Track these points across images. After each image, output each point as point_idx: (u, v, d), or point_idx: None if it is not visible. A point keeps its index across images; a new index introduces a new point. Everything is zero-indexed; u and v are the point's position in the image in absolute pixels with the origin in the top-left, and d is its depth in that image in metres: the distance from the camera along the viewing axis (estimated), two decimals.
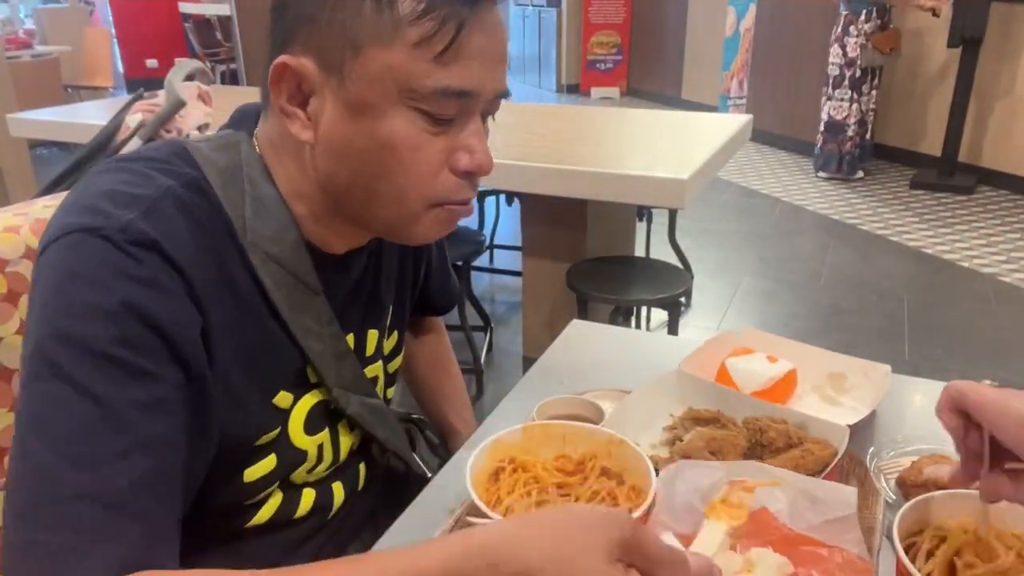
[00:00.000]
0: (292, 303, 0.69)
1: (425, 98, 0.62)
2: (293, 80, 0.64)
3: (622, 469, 0.75)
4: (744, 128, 2.56)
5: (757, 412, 0.87)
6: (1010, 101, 5.02)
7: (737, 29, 6.87)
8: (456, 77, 0.62)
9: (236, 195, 0.67)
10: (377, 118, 0.63)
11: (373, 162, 0.64)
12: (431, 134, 0.64)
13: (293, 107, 0.65)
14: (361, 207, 0.68)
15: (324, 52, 0.62)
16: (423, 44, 0.60)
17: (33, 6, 8.88)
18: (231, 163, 0.68)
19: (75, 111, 2.97)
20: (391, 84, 0.61)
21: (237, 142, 0.70)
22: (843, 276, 3.79)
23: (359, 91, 0.62)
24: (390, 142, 0.63)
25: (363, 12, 0.60)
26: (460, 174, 0.67)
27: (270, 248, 0.67)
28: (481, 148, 0.67)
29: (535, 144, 2.35)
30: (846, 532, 0.66)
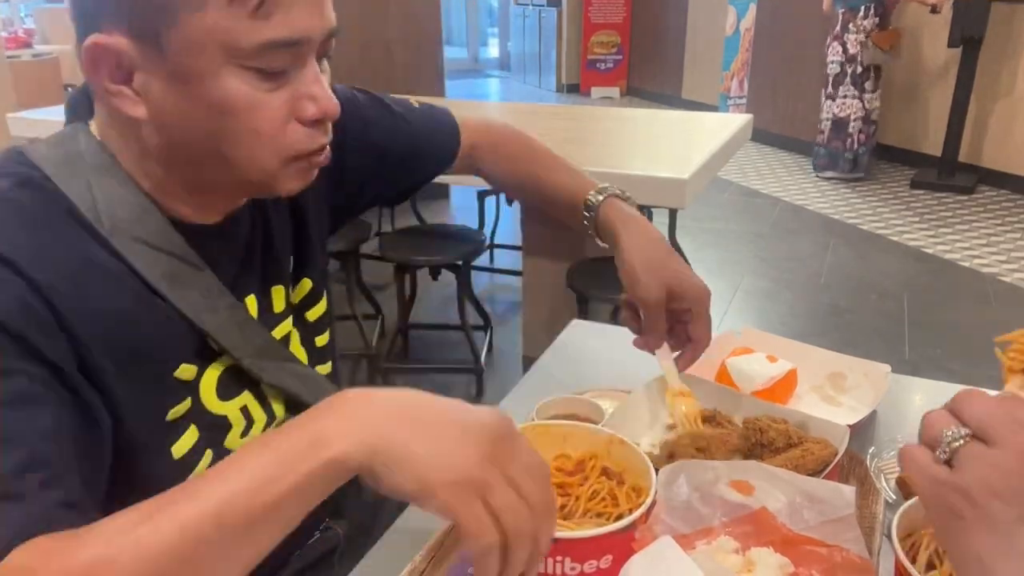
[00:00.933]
0: (173, 281, 0.67)
1: (251, 56, 0.60)
2: (111, 58, 0.60)
3: (622, 469, 0.75)
4: (744, 128, 2.56)
5: (757, 412, 0.87)
6: (1010, 101, 5.02)
7: (737, 29, 6.87)
8: (279, 28, 0.59)
9: (81, 186, 0.64)
10: (207, 84, 0.60)
11: (214, 129, 0.62)
12: (267, 90, 0.62)
13: (117, 85, 0.62)
14: (212, 174, 0.67)
15: (136, 25, 0.59)
16: (236, 1, 0.57)
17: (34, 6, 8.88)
18: (69, 155, 0.66)
19: None
20: (214, 48, 0.59)
21: (73, 135, 0.67)
22: (843, 276, 3.79)
23: (182, 60, 0.59)
24: (226, 106, 0.61)
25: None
26: (308, 123, 0.65)
27: (135, 231, 0.65)
28: (323, 93, 0.64)
29: None
30: (846, 531, 0.66)
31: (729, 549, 0.67)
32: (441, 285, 3.19)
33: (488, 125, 1.09)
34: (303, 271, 0.85)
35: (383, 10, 4.38)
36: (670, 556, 0.61)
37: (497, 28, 11.59)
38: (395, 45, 4.47)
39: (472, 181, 2.30)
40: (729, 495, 0.71)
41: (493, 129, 1.09)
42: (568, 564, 0.65)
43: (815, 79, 5.93)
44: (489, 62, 12.11)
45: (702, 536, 0.68)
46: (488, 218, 3.83)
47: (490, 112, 3.37)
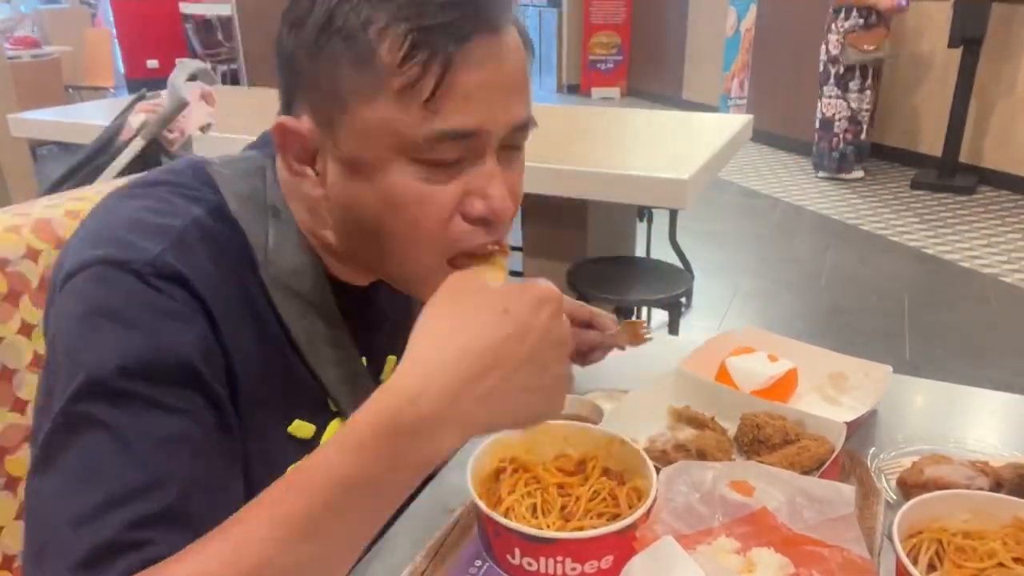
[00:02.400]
0: (312, 334, 0.68)
1: (421, 148, 0.58)
2: (296, 139, 0.61)
3: (623, 469, 0.75)
4: (745, 128, 2.56)
5: (755, 409, 0.87)
6: (1011, 101, 5.02)
7: (738, 29, 6.87)
8: (451, 120, 0.57)
9: (259, 226, 0.65)
10: (375, 175, 0.59)
11: (378, 220, 0.61)
12: (437, 182, 0.59)
13: (301, 165, 0.63)
14: (375, 263, 0.66)
15: (318, 109, 0.60)
16: (407, 91, 0.56)
17: (34, 6, 8.89)
18: (254, 191, 0.66)
19: (76, 111, 2.97)
20: (384, 138, 0.58)
21: (262, 167, 0.68)
22: (843, 276, 3.79)
23: (352, 149, 0.59)
24: (393, 199, 0.59)
25: (342, 67, 0.57)
26: (473, 221, 0.62)
27: (291, 282, 0.66)
28: (496, 192, 0.61)
29: (535, 144, 2.33)
30: (846, 531, 0.66)
31: (730, 549, 0.67)
32: None
33: None
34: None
35: None
36: (671, 556, 0.61)
37: None
38: None
39: None
40: (729, 495, 0.71)
41: None
42: (569, 564, 0.65)
43: (815, 80, 5.93)
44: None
45: (703, 536, 0.68)
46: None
47: None
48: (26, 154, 4.51)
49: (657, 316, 3.25)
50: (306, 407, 0.69)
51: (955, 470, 0.77)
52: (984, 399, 1.04)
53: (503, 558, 0.68)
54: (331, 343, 0.70)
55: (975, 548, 0.63)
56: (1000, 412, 1.01)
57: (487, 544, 0.71)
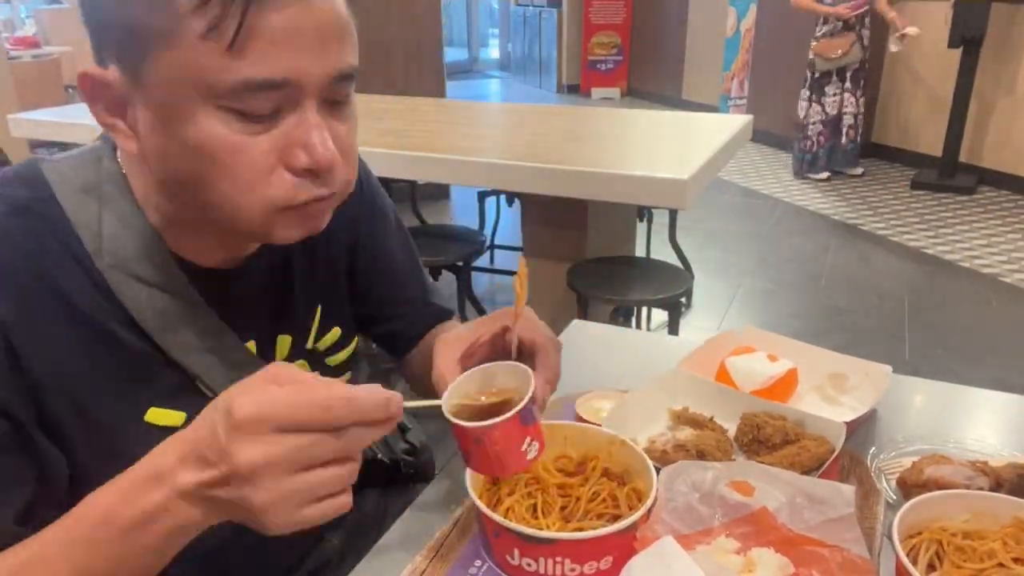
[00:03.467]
0: (166, 321, 0.65)
1: (229, 95, 0.54)
2: (103, 89, 0.58)
3: (623, 470, 0.75)
4: (745, 128, 2.56)
5: (755, 409, 0.87)
6: (1011, 101, 5.02)
7: (738, 29, 6.87)
8: (257, 67, 0.54)
9: (90, 215, 0.63)
10: (185, 123, 0.56)
11: (194, 170, 0.58)
12: (250, 133, 0.57)
13: (112, 118, 0.60)
14: (200, 214, 0.62)
15: (122, 57, 0.56)
16: (208, 35, 0.52)
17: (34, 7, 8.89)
18: (88, 180, 0.64)
19: (76, 111, 2.97)
20: (188, 85, 0.54)
21: (98, 157, 0.66)
22: (843, 276, 3.79)
23: (159, 96, 0.56)
24: (204, 148, 0.56)
25: (140, 8, 0.53)
26: (299, 172, 0.59)
27: (134, 268, 0.64)
28: (318, 141, 0.58)
29: (535, 144, 2.35)
30: (846, 531, 0.66)
31: (730, 549, 0.67)
32: (441, 286, 3.17)
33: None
34: (332, 320, 0.84)
35: (384, 11, 4.39)
36: (671, 557, 0.61)
37: (497, 29, 11.60)
38: (395, 46, 4.48)
39: (472, 181, 2.31)
40: (729, 495, 0.71)
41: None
42: (568, 565, 0.65)
43: None
44: (489, 63, 12.12)
45: (702, 536, 0.68)
46: (488, 219, 3.83)
47: (490, 113, 3.37)
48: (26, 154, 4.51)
49: (657, 316, 3.25)
50: (166, 394, 0.67)
51: (955, 470, 0.77)
52: (984, 399, 1.04)
53: (503, 558, 0.68)
54: (194, 328, 0.67)
55: (975, 548, 0.63)
56: (1000, 412, 1.01)
57: (487, 544, 0.71)
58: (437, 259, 2.63)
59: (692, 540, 0.67)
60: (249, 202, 0.59)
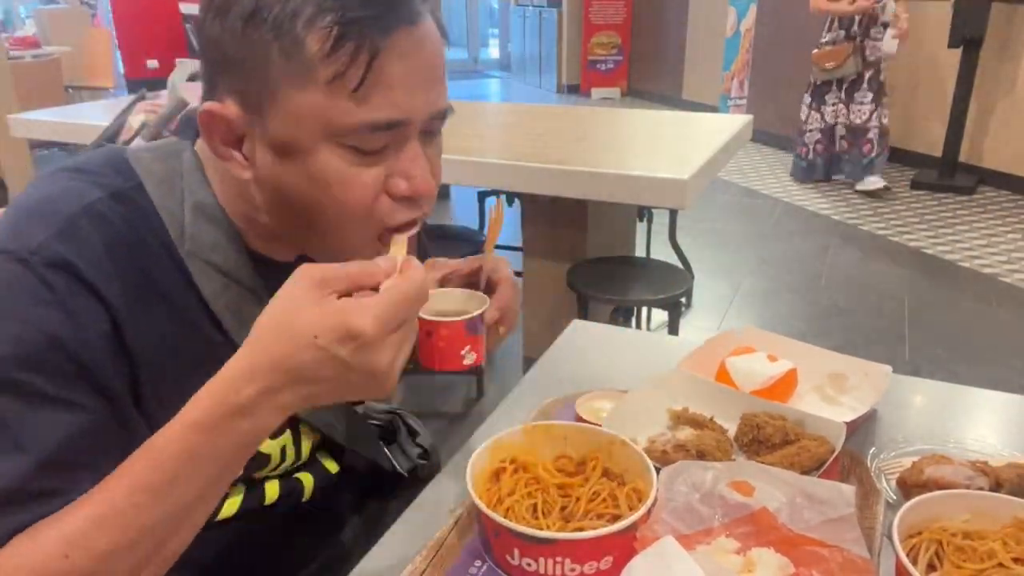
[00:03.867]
0: (236, 311, 0.68)
1: (349, 135, 0.60)
2: (222, 124, 0.63)
3: (623, 470, 0.75)
4: (745, 128, 2.56)
5: (755, 409, 0.87)
6: (1011, 101, 5.02)
7: (738, 29, 6.87)
8: (378, 110, 0.60)
9: (175, 205, 0.66)
10: (304, 158, 0.61)
11: (308, 200, 0.63)
12: (362, 165, 0.62)
13: (228, 149, 0.64)
14: (307, 238, 0.68)
15: (245, 95, 0.61)
16: (335, 82, 0.58)
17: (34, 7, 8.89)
18: (171, 172, 0.68)
19: (76, 111, 2.97)
20: (313, 125, 0.60)
21: (179, 151, 0.70)
22: (843, 277, 3.79)
23: (282, 133, 0.61)
24: (321, 181, 0.62)
25: (271, 56, 0.58)
26: (398, 199, 0.65)
27: (210, 256, 0.67)
28: (419, 173, 0.64)
29: (535, 144, 2.35)
30: (846, 532, 0.66)
31: (730, 549, 0.67)
32: None
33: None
34: None
35: None
36: (671, 557, 0.61)
37: (498, 29, 11.60)
38: None
39: (472, 181, 2.31)
40: (729, 495, 0.71)
41: None
42: (568, 565, 0.65)
43: None
44: (489, 63, 12.12)
45: (702, 536, 0.68)
46: (488, 219, 3.83)
47: (490, 113, 3.37)
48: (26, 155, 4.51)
49: (657, 316, 3.25)
50: None
51: (955, 470, 0.77)
52: (984, 399, 1.04)
53: (503, 558, 0.68)
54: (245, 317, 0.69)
55: (975, 548, 0.63)
56: (1000, 412, 1.01)
57: (487, 544, 0.71)
58: None
59: (692, 540, 0.67)
60: (354, 227, 0.65)
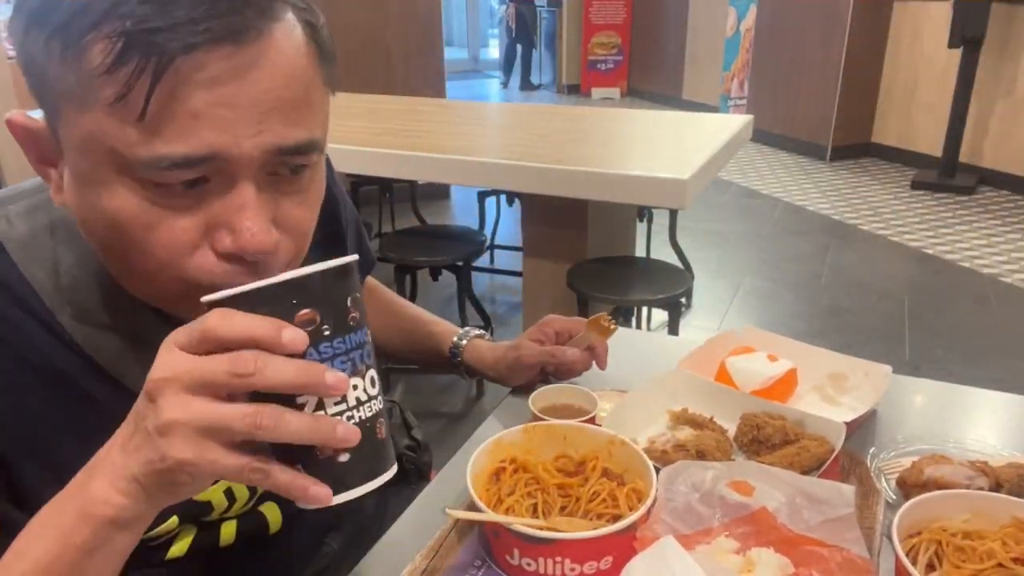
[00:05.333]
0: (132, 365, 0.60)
1: (142, 169, 0.48)
2: (33, 139, 0.54)
3: (623, 470, 0.75)
4: (745, 128, 2.56)
5: (755, 409, 0.87)
6: (1011, 101, 5.02)
7: (738, 29, 6.87)
8: (174, 144, 0.47)
9: (46, 266, 0.58)
10: (100, 191, 0.50)
11: (110, 239, 0.52)
12: (170, 208, 0.50)
13: (45, 167, 0.55)
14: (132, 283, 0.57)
15: (45, 108, 0.51)
16: (119, 104, 0.46)
17: None
18: (36, 230, 0.59)
19: None
20: (100, 153, 0.48)
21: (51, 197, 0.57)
22: (843, 276, 3.79)
23: (74, 157, 0.51)
24: (117, 220, 0.50)
25: (52, 61, 0.48)
26: (224, 257, 0.52)
27: (97, 316, 0.59)
28: (246, 225, 0.50)
29: (535, 144, 2.35)
30: (846, 531, 0.66)
31: (729, 549, 0.67)
32: (441, 286, 3.19)
33: (387, 294, 1.12)
34: None
35: (383, 10, 4.39)
36: (671, 556, 0.62)
37: (497, 29, 11.59)
38: (395, 46, 4.48)
39: (472, 181, 2.31)
40: (729, 495, 0.71)
41: (383, 293, 1.11)
42: (568, 565, 0.65)
43: (816, 79, 5.93)
44: (489, 63, 12.11)
45: (702, 536, 0.68)
46: (488, 219, 3.84)
47: (490, 113, 3.37)
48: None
49: (657, 316, 3.25)
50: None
51: (955, 470, 0.77)
52: (984, 399, 1.04)
53: (502, 558, 0.68)
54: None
55: (974, 548, 0.63)
56: (1000, 412, 1.01)
57: (486, 544, 0.71)
58: (437, 259, 2.64)
59: (692, 540, 0.68)
60: (165, 280, 0.53)
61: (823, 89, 5.88)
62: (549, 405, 0.90)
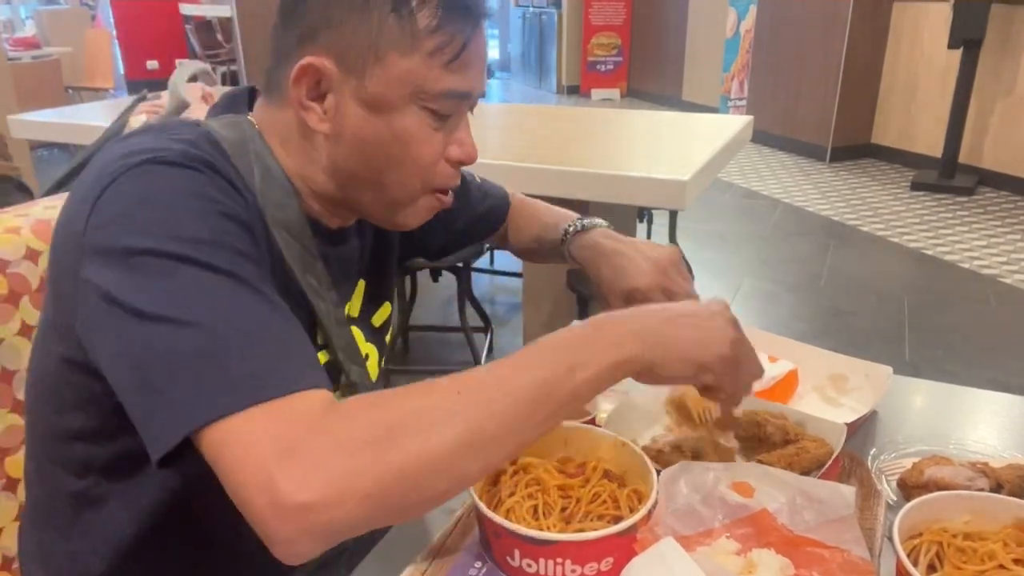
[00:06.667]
0: (302, 264, 0.75)
1: (434, 99, 0.70)
2: (314, 77, 0.69)
3: (624, 471, 0.75)
4: (744, 129, 2.56)
5: (756, 408, 0.87)
6: (1011, 102, 5.02)
7: (737, 30, 6.87)
8: (460, 82, 0.71)
9: (245, 164, 0.71)
10: (393, 115, 0.70)
11: (385, 152, 0.72)
12: (434, 129, 0.73)
13: (311, 102, 0.71)
14: (365, 192, 0.75)
15: (346, 55, 0.68)
16: (436, 53, 0.69)
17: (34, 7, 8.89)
18: (241, 137, 0.73)
19: (76, 112, 2.97)
20: (407, 86, 0.69)
21: (240, 121, 0.75)
22: (843, 277, 3.79)
23: (379, 91, 0.69)
24: (403, 136, 0.71)
25: (387, 24, 0.67)
26: (453, 163, 0.76)
27: (277, 213, 0.73)
28: (470, 141, 0.77)
29: (535, 145, 2.35)
30: (847, 532, 0.66)
31: (730, 550, 0.67)
32: (441, 287, 3.19)
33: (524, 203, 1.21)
34: (382, 297, 0.93)
35: None
36: (671, 557, 0.62)
37: (497, 29, 11.60)
38: None
39: None
40: (730, 496, 0.71)
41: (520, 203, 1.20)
42: (568, 566, 0.65)
43: (816, 80, 5.93)
44: (489, 63, 12.12)
45: (703, 538, 0.68)
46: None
47: (490, 113, 3.37)
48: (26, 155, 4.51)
49: None
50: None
51: (955, 471, 0.77)
52: (984, 400, 1.04)
53: (503, 559, 0.68)
54: (316, 277, 0.77)
55: (975, 549, 0.63)
56: (1000, 413, 1.01)
57: (487, 545, 0.71)
58: (437, 260, 2.63)
59: (692, 541, 0.67)
60: (417, 181, 0.75)
61: (823, 89, 5.89)
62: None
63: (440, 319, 3.32)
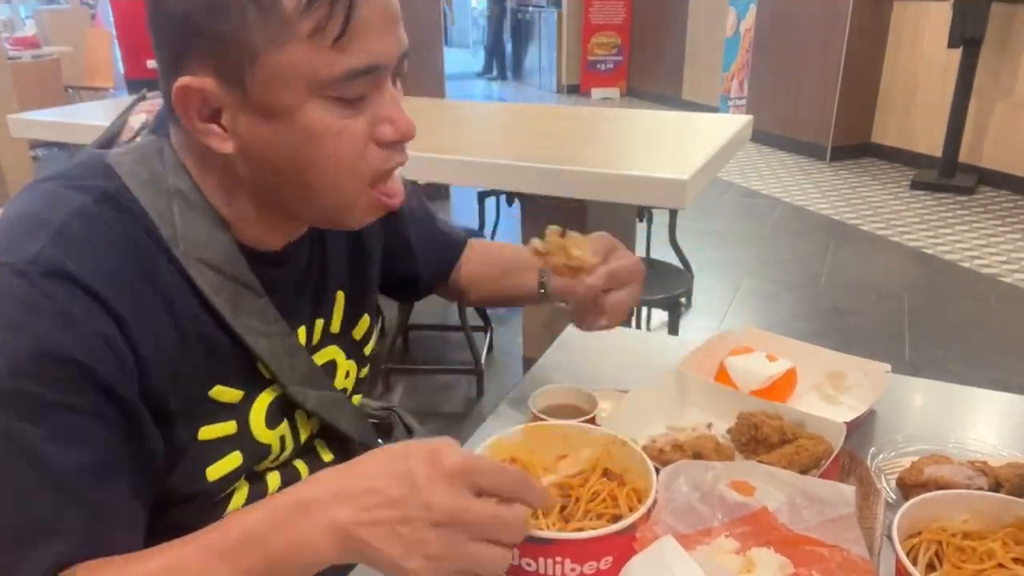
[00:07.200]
0: (235, 305, 0.69)
1: (334, 85, 0.61)
2: (198, 98, 0.62)
3: (623, 470, 0.75)
4: (744, 128, 2.56)
5: (754, 409, 0.87)
6: (1011, 101, 5.02)
7: (737, 29, 6.87)
8: (358, 57, 0.61)
9: (162, 206, 0.66)
10: (294, 116, 0.62)
11: (300, 158, 0.64)
12: (346, 118, 0.64)
13: (206, 124, 0.64)
14: (297, 202, 0.69)
15: (222, 65, 0.61)
16: (317, 34, 0.59)
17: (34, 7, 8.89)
18: (153, 174, 0.67)
19: (76, 112, 2.97)
20: (297, 81, 0.60)
21: (156, 153, 0.69)
22: (843, 277, 3.79)
23: (266, 96, 0.61)
24: (311, 135, 0.63)
25: (248, 20, 0.58)
26: (386, 145, 0.67)
27: (204, 255, 0.67)
28: (400, 115, 0.67)
29: (535, 144, 2.35)
30: (846, 531, 0.66)
31: (729, 549, 0.67)
32: None
33: (487, 246, 1.13)
34: (362, 308, 0.89)
35: None
36: (671, 556, 0.61)
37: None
38: None
39: (472, 181, 2.31)
40: (729, 495, 0.71)
41: (484, 246, 1.12)
42: (568, 565, 0.65)
43: (815, 79, 5.93)
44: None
45: (702, 536, 0.68)
46: (488, 218, 3.83)
47: (490, 113, 3.37)
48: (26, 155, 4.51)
49: (657, 316, 3.25)
50: (232, 374, 0.71)
51: (955, 470, 0.77)
52: (984, 399, 1.04)
53: None
54: (256, 314, 0.71)
55: (974, 548, 0.63)
56: (1000, 412, 1.01)
57: None
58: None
59: (692, 540, 0.68)
60: (349, 179, 0.66)
61: (823, 89, 5.89)
62: (549, 405, 0.90)
63: (440, 318, 3.32)
